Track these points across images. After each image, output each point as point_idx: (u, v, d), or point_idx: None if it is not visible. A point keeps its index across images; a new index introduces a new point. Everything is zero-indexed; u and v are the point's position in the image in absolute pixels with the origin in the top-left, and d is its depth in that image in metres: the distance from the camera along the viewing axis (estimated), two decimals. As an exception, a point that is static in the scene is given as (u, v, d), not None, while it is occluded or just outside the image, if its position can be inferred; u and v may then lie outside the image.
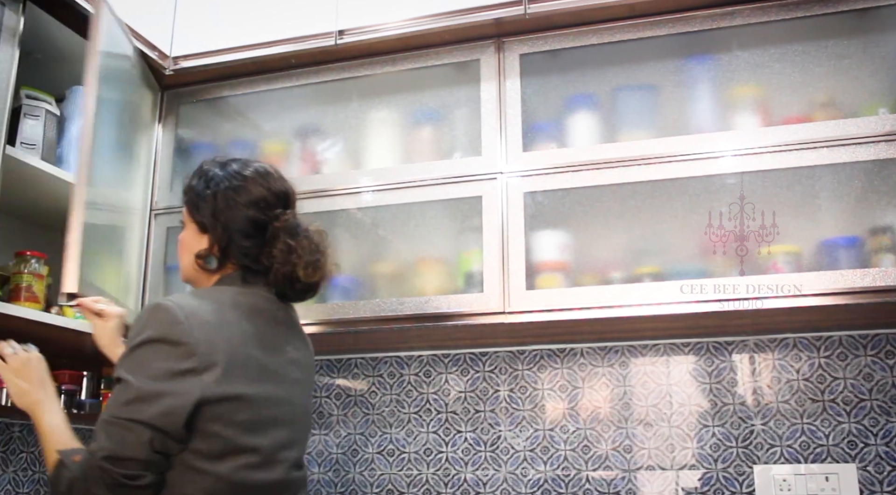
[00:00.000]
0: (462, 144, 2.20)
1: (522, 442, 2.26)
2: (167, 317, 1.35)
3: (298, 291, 1.57)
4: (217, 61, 2.30)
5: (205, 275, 1.56)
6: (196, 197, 1.56)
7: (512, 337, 2.22)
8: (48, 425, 1.43)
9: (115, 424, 1.29)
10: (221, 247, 1.53)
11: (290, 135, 2.37)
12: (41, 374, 1.52)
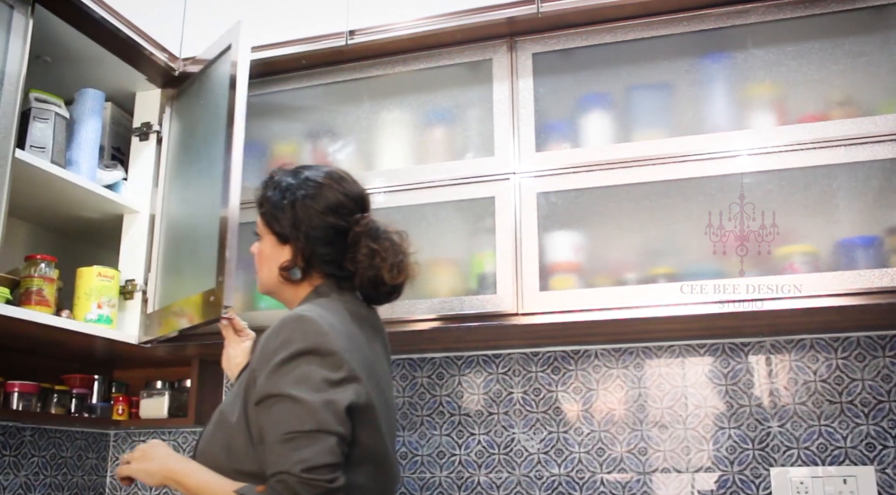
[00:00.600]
0: (475, 145, 2.19)
1: (536, 444, 2.25)
2: (314, 328, 1.36)
3: (384, 294, 1.58)
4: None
5: (288, 286, 1.56)
6: (273, 208, 1.55)
7: (525, 338, 2.21)
8: (195, 483, 1.37)
9: (298, 438, 1.26)
10: (305, 257, 1.52)
11: (301, 137, 2.37)
12: (160, 450, 1.47)
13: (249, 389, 1.38)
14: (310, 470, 1.24)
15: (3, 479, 2.27)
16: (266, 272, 1.58)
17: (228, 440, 1.38)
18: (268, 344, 1.36)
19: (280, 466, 1.25)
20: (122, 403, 2.50)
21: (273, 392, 1.31)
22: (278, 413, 1.29)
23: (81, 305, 2.13)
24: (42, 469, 2.41)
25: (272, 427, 1.29)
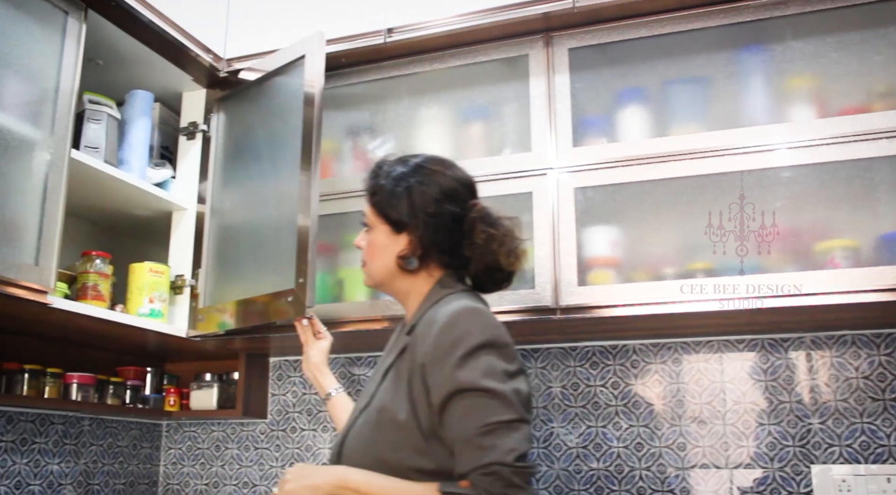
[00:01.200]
0: (512, 140, 2.21)
1: (575, 438, 2.27)
2: (490, 321, 1.37)
3: (498, 281, 1.55)
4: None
5: (403, 277, 1.54)
6: (388, 196, 1.52)
7: (564, 333, 2.22)
8: (380, 489, 1.32)
9: (499, 429, 1.26)
10: (423, 245, 1.50)
11: (341, 134, 2.42)
12: (313, 466, 1.44)
13: (413, 383, 1.36)
14: (520, 459, 1.26)
15: (66, 467, 2.38)
16: (379, 263, 1.54)
17: (400, 438, 1.35)
18: (442, 337, 1.34)
19: (487, 457, 1.25)
20: (173, 395, 2.59)
21: (465, 385, 1.29)
22: (475, 406, 1.28)
23: (134, 300, 2.22)
24: (100, 457, 2.52)
25: (468, 420, 1.28)
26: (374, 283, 1.59)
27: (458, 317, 1.36)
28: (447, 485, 1.28)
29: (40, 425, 2.31)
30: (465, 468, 1.28)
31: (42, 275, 1.86)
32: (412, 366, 1.38)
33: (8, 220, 1.83)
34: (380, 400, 1.42)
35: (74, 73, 2.00)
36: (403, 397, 1.37)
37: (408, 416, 1.34)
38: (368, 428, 1.40)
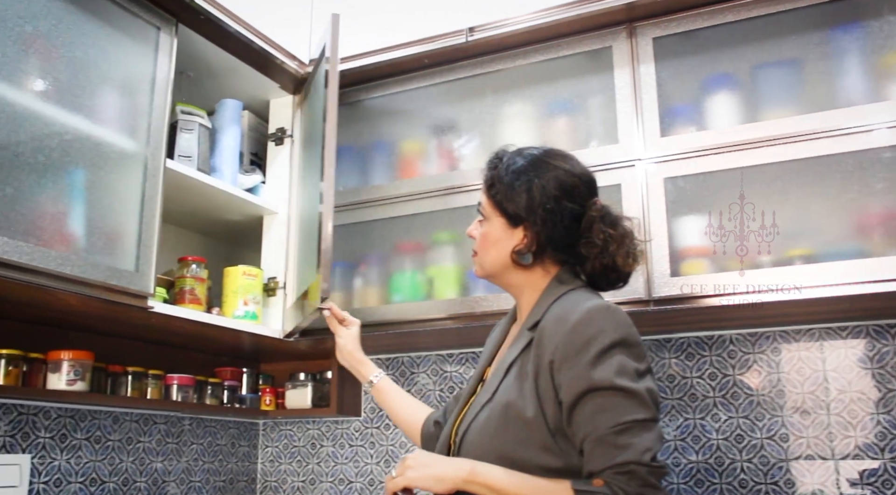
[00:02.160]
0: (598, 133, 2.17)
1: (672, 431, 2.21)
2: (623, 319, 1.34)
3: (612, 281, 1.50)
4: (352, 66, 2.38)
5: (516, 271, 1.50)
6: (507, 189, 1.47)
7: (657, 325, 2.17)
8: (511, 484, 1.28)
9: (634, 428, 1.23)
10: (539, 241, 1.45)
11: (426, 134, 2.41)
12: (435, 456, 1.38)
13: (541, 380, 1.33)
14: (654, 459, 1.23)
15: (168, 465, 2.43)
16: (493, 255, 1.50)
17: (528, 435, 1.31)
18: (575, 335, 1.30)
19: (623, 456, 1.22)
20: (269, 394, 2.63)
21: (600, 384, 1.26)
22: (609, 404, 1.25)
23: (229, 303, 2.26)
24: (200, 455, 2.56)
25: (602, 418, 1.25)
26: (486, 274, 1.54)
27: (592, 314, 1.32)
28: (580, 483, 1.25)
29: (144, 425, 2.36)
30: (598, 466, 1.24)
31: (142, 281, 1.91)
32: (539, 363, 1.34)
33: (109, 229, 1.88)
34: (505, 395, 1.37)
35: (167, 85, 2.04)
36: (531, 394, 1.33)
37: (535, 413, 1.31)
38: (494, 424, 1.35)
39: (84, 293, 1.77)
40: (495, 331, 1.68)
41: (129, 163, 1.94)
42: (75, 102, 1.81)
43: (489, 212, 1.51)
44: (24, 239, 1.65)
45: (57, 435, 2.09)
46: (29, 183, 1.69)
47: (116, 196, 1.90)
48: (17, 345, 1.91)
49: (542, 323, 1.38)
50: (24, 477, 1.98)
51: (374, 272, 2.39)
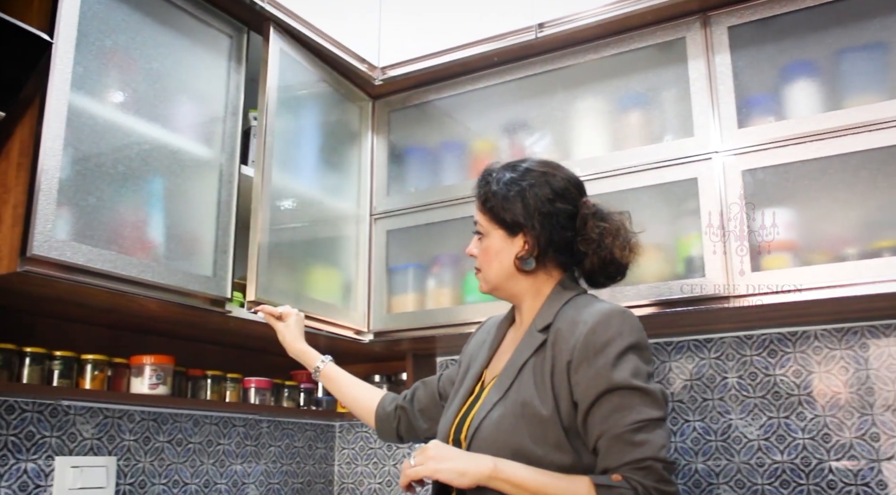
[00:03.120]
0: (673, 126, 2.12)
1: (756, 430, 2.15)
2: (637, 324, 1.39)
3: (612, 274, 1.53)
4: (422, 67, 2.37)
5: (520, 278, 1.52)
6: (501, 200, 1.51)
7: (738, 322, 2.11)
8: (532, 480, 1.31)
9: (649, 426, 1.29)
10: (540, 245, 1.48)
11: (497, 132, 2.39)
12: (455, 450, 1.40)
13: (556, 380, 1.37)
14: (668, 455, 1.29)
15: (247, 467, 2.46)
16: (497, 267, 1.53)
17: (542, 433, 1.34)
18: (593, 337, 1.35)
19: (641, 453, 1.27)
20: (344, 396, 2.63)
21: (620, 383, 1.30)
22: (626, 403, 1.30)
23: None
24: (279, 458, 2.59)
25: (619, 416, 1.29)
26: (491, 288, 1.56)
27: (609, 318, 1.37)
28: (599, 478, 1.28)
29: (223, 427, 2.40)
30: (616, 463, 1.28)
31: (219, 286, 1.93)
32: (555, 363, 1.38)
33: (187, 236, 1.91)
34: (520, 394, 1.39)
35: (240, 92, 2.06)
36: (547, 393, 1.37)
37: (551, 412, 1.34)
38: (510, 421, 1.37)
39: (164, 299, 1.80)
40: (481, 335, 1.70)
41: (204, 170, 1.97)
42: (153, 112, 1.84)
43: (487, 227, 1.54)
44: (107, 247, 1.68)
45: (141, 438, 2.14)
46: (110, 192, 1.72)
47: (193, 203, 1.93)
48: (102, 351, 1.95)
49: (556, 325, 1.43)
50: (111, 479, 2.03)
51: (447, 273, 2.38)
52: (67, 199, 1.62)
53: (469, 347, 1.70)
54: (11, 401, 1.85)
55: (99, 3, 1.72)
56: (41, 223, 1.53)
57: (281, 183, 2.12)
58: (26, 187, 1.54)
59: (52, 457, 1.92)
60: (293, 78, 2.20)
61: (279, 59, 2.12)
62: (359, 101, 2.50)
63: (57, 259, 1.56)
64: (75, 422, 1.98)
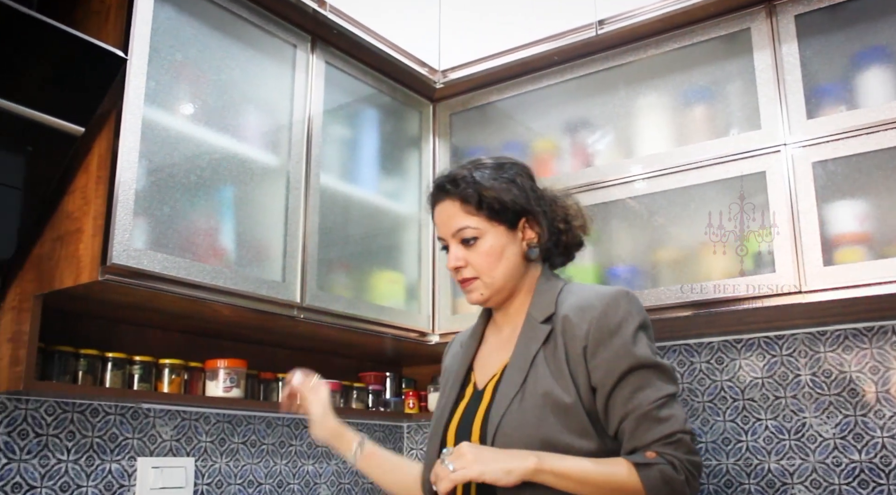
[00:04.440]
0: (738, 120, 2.09)
1: (831, 429, 2.10)
2: (640, 303, 1.41)
3: (572, 254, 1.58)
4: (483, 68, 2.39)
5: (523, 273, 1.49)
6: (497, 194, 1.45)
7: (810, 317, 2.07)
8: (577, 469, 1.29)
9: (671, 401, 1.32)
10: (549, 229, 1.49)
11: (559, 132, 2.39)
12: (491, 450, 1.34)
13: (573, 367, 1.36)
14: (691, 427, 1.32)
15: (319, 467, 2.51)
16: (504, 265, 1.46)
17: (568, 421, 1.33)
18: (606, 319, 1.35)
19: (670, 428, 1.29)
20: (411, 398, 2.67)
21: (642, 361, 1.33)
22: (648, 381, 1.32)
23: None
24: (349, 458, 2.63)
25: (643, 394, 1.31)
26: (494, 292, 1.48)
27: (616, 299, 1.38)
28: (634, 457, 1.29)
29: (294, 429, 2.45)
30: (646, 440, 1.29)
31: (289, 291, 1.98)
32: (569, 351, 1.37)
33: (256, 242, 1.96)
34: (539, 385, 1.36)
35: (305, 100, 2.11)
36: (566, 381, 1.36)
37: (574, 399, 1.34)
38: (534, 413, 1.34)
39: (236, 304, 1.85)
40: (454, 350, 1.66)
41: (272, 178, 2.02)
42: (222, 123, 1.90)
43: (483, 227, 1.45)
44: (182, 254, 1.74)
45: (217, 439, 2.20)
46: (183, 201, 1.79)
47: (262, 210, 1.99)
48: (179, 355, 2.02)
49: (560, 314, 1.41)
50: (189, 479, 2.10)
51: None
52: (143, 209, 1.68)
53: (443, 372, 1.66)
54: (96, 405, 1.93)
55: (169, 20, 1.79)
56: (120, 233, 1.60)
57: (341, 188, 2.16)
58: (105, 199, 1.61)
59: (135, 458, 1.99)
60: (350, 85, 2.24)
61: (334, 68, 2.17)
62: (419, 105, 2.53)
63: (135, 267, 1.62)
64: (155, 424, 2.05)
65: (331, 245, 2.13)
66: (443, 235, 1.50)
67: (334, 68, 2.21)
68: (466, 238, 1.46)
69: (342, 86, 2.25)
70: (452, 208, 1.47)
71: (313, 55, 2.14)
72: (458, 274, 1.49)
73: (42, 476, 1.80)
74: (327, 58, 2.19)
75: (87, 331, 1.91)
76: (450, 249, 1.49)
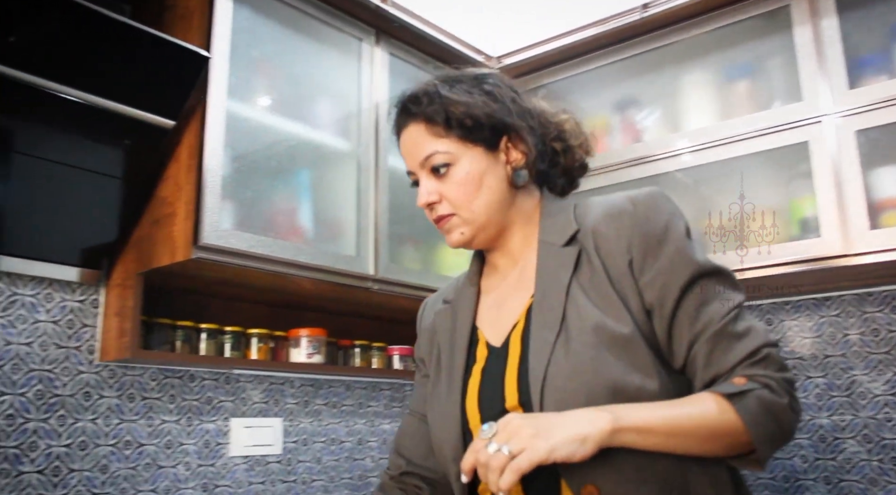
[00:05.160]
0: (780, 93, 2.08)
1: (881, 385, 2.08)
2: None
3: (574, 177, 1.25)
4: (535, 53, 2.41)
5: (511, 203, 1.15)
6: (473, 108, 1.12)
7: (857, 280, 2.05)
8: (651, 421, 0.95)
9: (744, 311, 1.03)
10: (536, 147, 1.16)
11: (609, 111, 2.40)
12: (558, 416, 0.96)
13: (620, 287, 1.05)
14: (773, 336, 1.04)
15: (394, 426, 2.59)
16: (486, 194, 1.12)
17: (628, 357, 1.01)
18: (649, 225, 1.04)
19: (753, 343, 0.99)
20: (479, 362, 2.72)
21: (703, 268, 1.02)
22: (711, 292, 1.02)
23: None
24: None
25: (711, 310, 1.01)
26: (477, 228, 1.14)
27: (654, 199, 1.07)
28: (723, 388, 0.97)
29: (372, 391, 2.53)
30: (728, 364, 0.99)
31: (362, 264, 2.05)
32: (609, 271, 1.05)
33: (332, 220, 2.03)
34: (584, 320, 1.03)
35: (371, 89, 2.17)
36: (618, 308, 1.03)
37: (632, 329, 1.02)
38: (590, 354, 1.00)
39: (315, 277, 1.93)
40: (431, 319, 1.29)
41: (344, 161, 2.09)
42: (297, 112, 1.97)
43: (456, 151, 1.12)
44: (265, 233, 1.83)
45: (301, 401, 2.30)
46: (264, 185, 1.87)
47: (336, 191, 2.06)
48: (265, 326, 2.11)
49: (589, 227, 1.09)
50: (278, 437, 2.20)
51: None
52: (229, 194, 1.77)
53: (423, 341, 1.31)
54: (192, 371, 2.04)
55: (246, 20, 1.87)
56: (209, 215, 1.69)
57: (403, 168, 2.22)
58: (195, 185, 1.70)
59: (229, 419, 2.10)
60: (413, 73, 2.29)
61: (398, 59, 2.22)
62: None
63: (224, 246, 1.71)
64: (246, 388, 2.16)
65: (400, 221, 2.18)
66: (410, 167, 1.16)
67: (397, 58, 2.26)
68: (436, 166, 1.12)
69: (405, 74, 2.29)
70: (417, 132, 1.14)
71: (377, 47, 2.19)
72: (432, 211, 1.15)
73: (149, 434, 1.92)
74: (391, 49, 2.24)
75: (183, 305, 2.02)
76: (420, 183, 1.15)
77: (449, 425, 1.12)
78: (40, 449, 1.71)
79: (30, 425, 1.71)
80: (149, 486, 1.89)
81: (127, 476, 1.85)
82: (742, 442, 0.96)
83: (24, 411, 1.70)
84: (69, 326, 1.81)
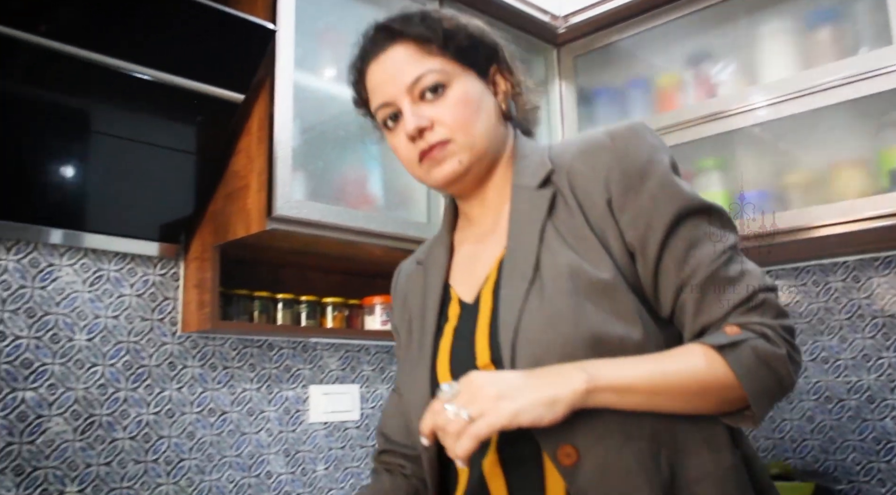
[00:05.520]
0: (867, 38, 1.93)
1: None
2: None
3: (530, 121, 1.14)
4: (603, 10, 2.30)
5: (502, 137, 1.05)
6: (464, 34, 1.03)
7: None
8: (631, 378, 0.86)
9: (735, 251, 0.92)
10: (516, 81, 1.07)
11: (682, 65, 2.29)
12: (522, 377, 0.86)
13: (600, 228, 0.94)
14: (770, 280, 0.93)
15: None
16: (484, 119, 1.01)
17: (609, 304, 0.90)
18: (628, 159, 0.94)
19: (748, 288, 0.89)
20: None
21: (690, 204, 0.92)
22: (700, 232, 0.91)
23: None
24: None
25: (702, 250, 0.90)
26: (476, 155, 1.01)
27: (634, 130, 0.96)
28: (713, 339, 0.86)
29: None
30: (721, 311, 0.89)
31: (433, 230, 1.98)
32: (587, 211, 0.95)
33: (402, 188, 2.00)
34: (559, 266, 0.92)
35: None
36: (597, 251, 0.92)
37: (613, 273, 0.91)
38: (564, 301, 0.89)
39: (386, 245, 1.91)
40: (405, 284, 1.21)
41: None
42: (362, 81, 1.94)
43: (452, 71, 1.00)
44: (336, 203, 1.81)
45: (377, 368, 2.29)
46: (334, 156, 1.85)
47: (404, 159, 2.02)
48: (339, 294, 2.11)
49: (564, 166, 0.98)
50: (355, 404, 2.20)
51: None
52: (300, 164, 1.75)
53: (396, 307, 1.23)
54: (271, 340, 2.05)
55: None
56: (281, 186, 1.67)
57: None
58: (266, 157, 1.68)
59: (307, 386, 2.11)
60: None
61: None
62: (544, 50, 2.48)
63: (296, 217, 1.70)
64: (323, 356, 2.16)
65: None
66: (388, 97, 1.02)
67: (461, 22, 2.20)
68: (429, 87, 1.00)
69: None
70: (404, 53, 1.01)
71: (443, 6, 2.13)
72: (422, 140, 1.00)
73: (231, 402, 1.94)
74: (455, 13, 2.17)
75: (259, 276, 2.03)
76: (403, 114, 1.01)
77: (418, 390, 1.01)
78: (131, 417, 1.75)
79: (120, 394, 1.74)
80: (233, 452, 1.91)
81: (213, 442, 1.88)
82: (735, 398, 0.86)
83: (115, 381, 1.74)
84: (152, 299, 1.83)
